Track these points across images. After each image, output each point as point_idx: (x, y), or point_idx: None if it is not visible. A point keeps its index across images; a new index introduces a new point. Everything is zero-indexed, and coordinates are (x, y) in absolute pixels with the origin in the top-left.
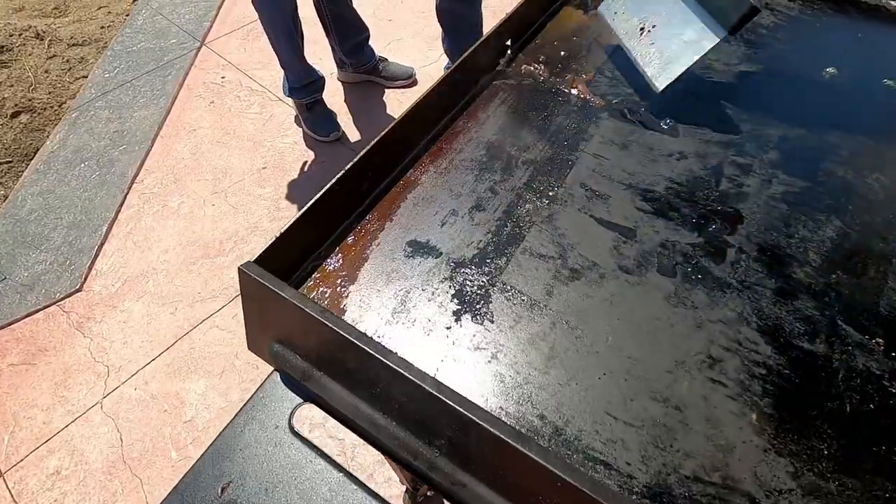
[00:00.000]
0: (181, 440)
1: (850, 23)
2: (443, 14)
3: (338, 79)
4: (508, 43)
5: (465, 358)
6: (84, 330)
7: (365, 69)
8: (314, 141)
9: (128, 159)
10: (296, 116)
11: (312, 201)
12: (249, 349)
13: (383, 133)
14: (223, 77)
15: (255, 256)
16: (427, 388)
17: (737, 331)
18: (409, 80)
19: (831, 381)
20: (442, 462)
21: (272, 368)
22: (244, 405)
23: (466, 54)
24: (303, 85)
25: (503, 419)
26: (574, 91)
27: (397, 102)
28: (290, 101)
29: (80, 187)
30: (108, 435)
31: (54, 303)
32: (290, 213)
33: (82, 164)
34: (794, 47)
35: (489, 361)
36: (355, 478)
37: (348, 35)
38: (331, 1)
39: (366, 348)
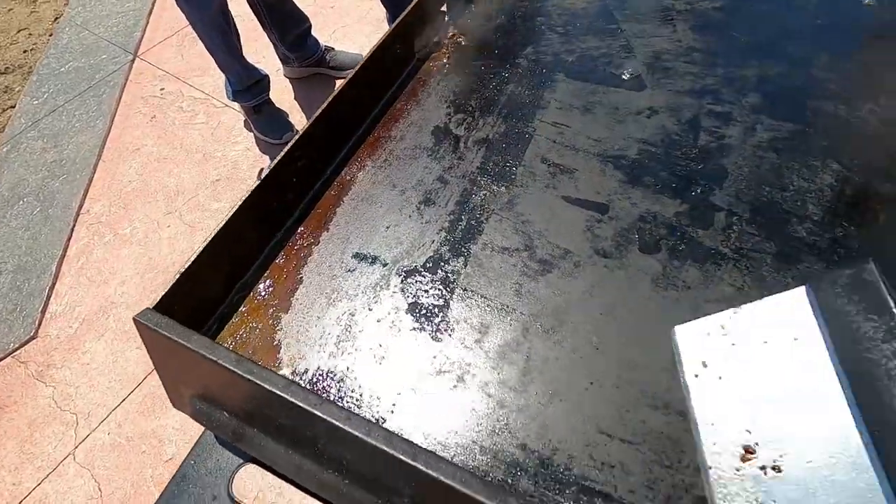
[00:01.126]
0: (165, 480)
1: None
2: None
3: (284, 76)
4: (444, 8)
5: (426, 387)
6: (45, 379)
7: (311, 62)
8: (267, 144)
9: (70, 189)
10: (245, 121)
11: (223, 223)
12: (174, 407)
13: (303, 129)
14: (162, 89)
15: (153, 303)
16: (374, 441)
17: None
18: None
19: None
20: None
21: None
22: (175, 474)
23: (395, 25)
24: (246, 87)
25: (477, 457)
26: (523, 54)
27: None
28: (236, 105)
29: (22, 226)
30: (85, 486)
31: (8, 354)
32: None
33: (21, 202)
34: None
35: (455, 387)
36: None
37: (288, 28)
38: None
39: (293, 400)
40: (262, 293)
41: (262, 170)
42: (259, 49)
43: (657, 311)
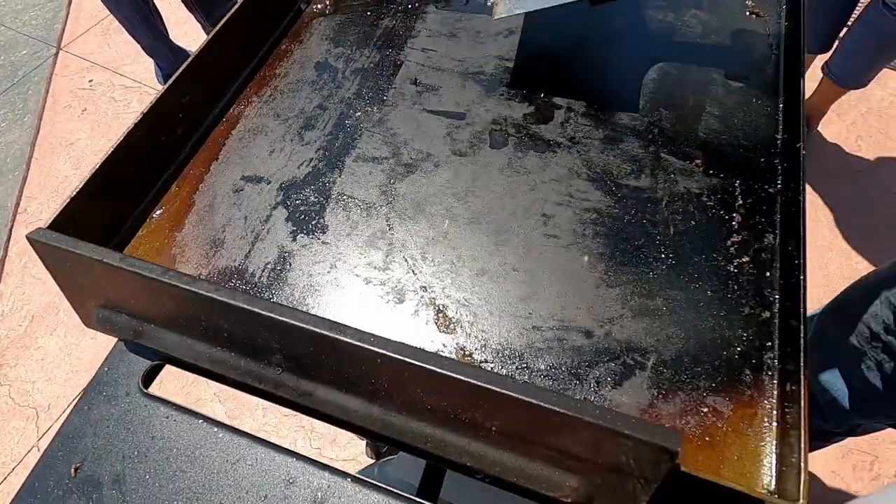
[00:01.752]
0: None
1: None
2: None
3: None
4: None
5: (303, 273)
6: None
7: None
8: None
9: (3, 190)
10: None
11: (106, 155)
12: (84, 325)
13: (183, 68)
14: (91, 80)
15: (49, 220)
16: (237, 302)
17: (568, 185)
18: None
19: (656, 208)
20: (285, 378)
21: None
22: (88, 383)
23: None
24: (175, 69)
25: (341, 316)
26: None
27: None
28: None
29: None
30: None
31: None
32: None
33: None
34: None
35: (328, 272)
36: (217, 421)
37: (212, 5)
38: None
39: (169, 281)
40: (156, 217)
41: None
42: (190, 32)
43: (502, 191)
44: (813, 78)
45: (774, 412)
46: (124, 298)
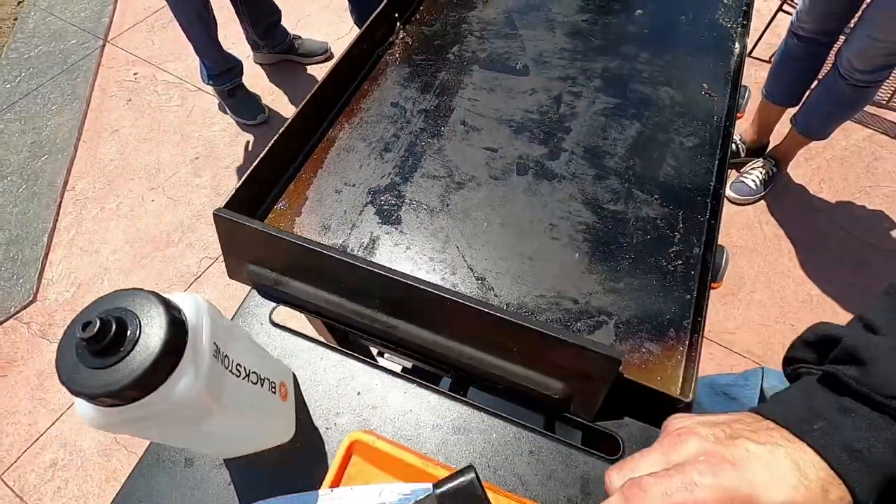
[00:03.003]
0: None
1: None
2: None
3: (254, 62)
4: (396, 15)
5: (387, 251)
6: (49, 336)
7: (280, 49)
8: (241, 124)
9: (53, 168)
10: (219, 104)
11: (256, 162)
12: (230, 277)
13: (303, 103)
14: (136, 73)
15: (223, 204)
16: (361, 265)
17: (568, 205)
18: (325, 55)
19: (626, 226)
20: (378, 315)
21: (249, 289)
22: (235, 311)
23: (362, 31)
24: (222, 71)
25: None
26: (452, 51)
27: (317, 77)
28: (210, 89)
29: (9, 203)
30: None
31: (11, 317)
32: None
33: (5, 180)
34: None
35: (405, 251)
36: (321, 342)
37: (261, 17)
38: None
39: (314, 248)
40: (280, 207)
41: (237, 147)
42: (230, 35)
43: (523, 206)
44: (787, 126)
45: (683, 354)
46: (272, 258)
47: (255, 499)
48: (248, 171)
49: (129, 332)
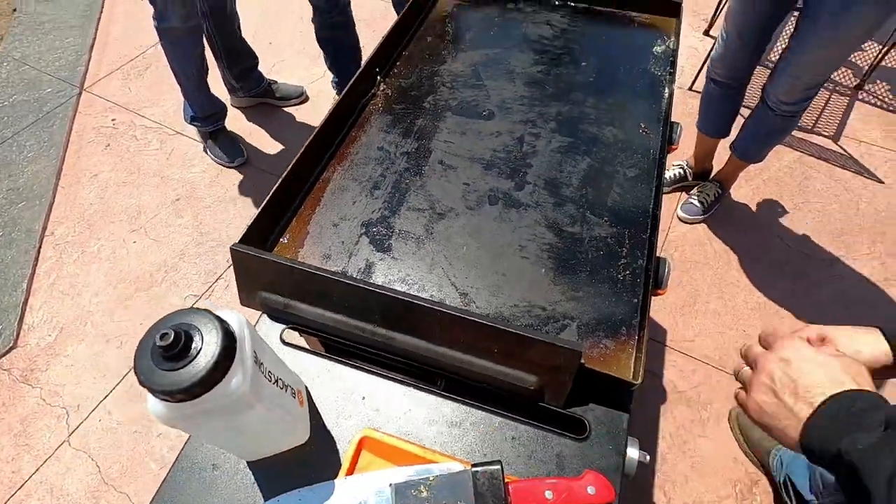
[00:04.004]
0: (157, 452)
1: (598, 28)
2: (323, 41)
3: (232, 105)
4: (377, 70)
5: (382, 274)
6: (31, 381)
7: (257, 93)
8: (220, 166)
9: (31, 215)
10: (203, 147)
11: (263, 206)
12: (242, 304)
13: (302, 150)
14: (114, 119)
15: (237, 240)
16: (362, 286)
17: (533, 229)
18: (300, 97)
19: (582, 244)
20: (378, 329)
21: (259, 313)
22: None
23: (349, 86)
24: (207, 115)
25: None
26: (427, 100)
27: (293, 120)
28: (190, 131)
29: None
30: (84, 465)
31: None
32: (214, 237)
33: None
34: (566, 49)
35: (398, 274)
36: (329, 356)
37: (238, 62)
38: (223, 35)
39: (321, 274)
40: (285, 241)
41: (217, 188)
42: (210, 80)
43: (495, 232)
44: (728, 152)
45: (633, 346)
46: (280, 285)
47: (277, 494)
48: (258, 212)
49: (194, 342)
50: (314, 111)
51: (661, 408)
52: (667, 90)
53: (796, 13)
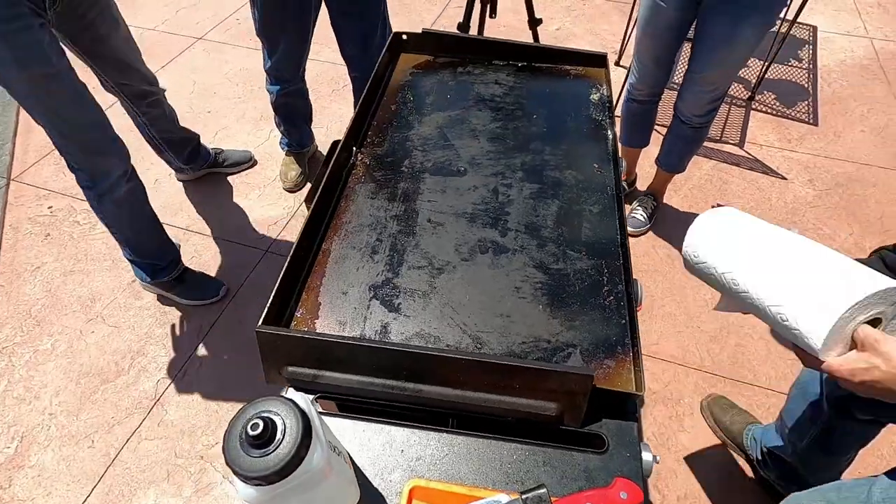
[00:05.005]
0: None
1: (541, 83)
2: (279, 107)
3: (178, 179)
4: (353, 144)
5: (398, 332)
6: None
7: (206, 166)
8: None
9: None
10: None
11: (277, 284)
12: (267, 382)
13: (301, 229)
14: (50, 207)
15: (261, 320)
16: (390, 347)
17: (524, 271)
18: (249, 162)
19: (568, 278)
20: (407, 385)
21: (286, 387)
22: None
23: (332, 162)
24: (169, 261)
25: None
26: (404, 164)
27: (243, 185)
28: None
29: None
30: None
31: None
32: (179, 314)
33: None
34: (517, 104)
35: (413, 329)
36: (366, 418)
37: (181, 147)
38: (158, 129)
39: (350, 342)
40: (300, 314)
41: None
42: (146, 156)
43: (491, 278)
44: (655, 168)
45: (631, 362)
46: (307, 358)
47: None
48: (274, 291)
49: (278, 428)
50: (262, 174)
51: (642, 411)
52: (609, 132)
53: (689, 42)
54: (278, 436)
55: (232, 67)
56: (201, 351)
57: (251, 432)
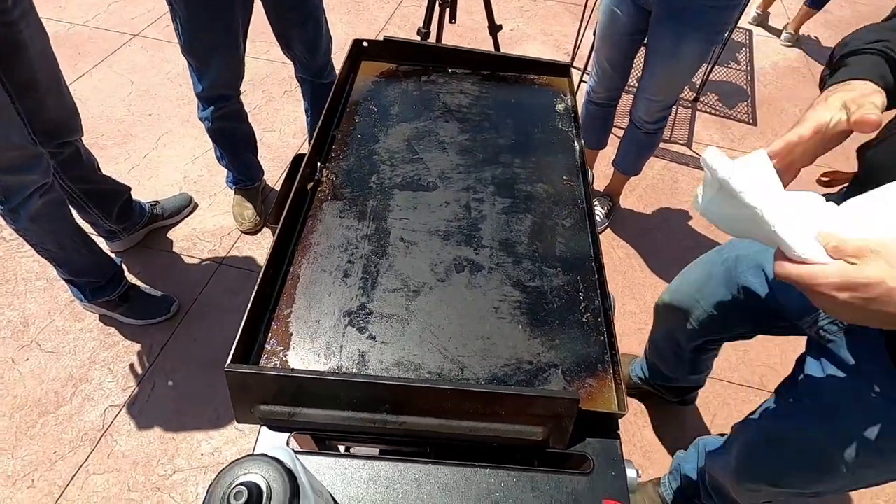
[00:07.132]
0: None
1: (506, 92)
2: (217, 135)
3: (111, 250)
4: (318, 159)
5: (377, 361)
6: None
7: (143, 224)
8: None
9: None
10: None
11: (245, 317)
12: (238, 422)
13: (269, 253)
14: None
15: (229, 359)
16: (369, 381)
17: (501, 290)
18: (190, 205)
19: (546, 296)
20: (389, 417)
21: (259, 427)
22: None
23: (298, 180)
24: (110, 277)
25: (402, 372)
26: (371, 180)
27: (193, 193)
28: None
29: None
30: None
31: None
32: (122, 335)
33: None
34: (484, 115)
35: (392, 356)
36: (347, 454)
37: (110, 202)
38: (79, 180)
39: (326, 378)
40: (271, 346)
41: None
42: None
43: (466, 296)
44: (611, 169)
45: (612, 379)
46: (281, 395)
47: None
48: (241, 327)
49: (264, 491)
50: (213, 181)
51: None
52: (577, 143)
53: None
54: (265, 501)
55: (174, 67)
56: (153, 374)
57: (234, 502)
